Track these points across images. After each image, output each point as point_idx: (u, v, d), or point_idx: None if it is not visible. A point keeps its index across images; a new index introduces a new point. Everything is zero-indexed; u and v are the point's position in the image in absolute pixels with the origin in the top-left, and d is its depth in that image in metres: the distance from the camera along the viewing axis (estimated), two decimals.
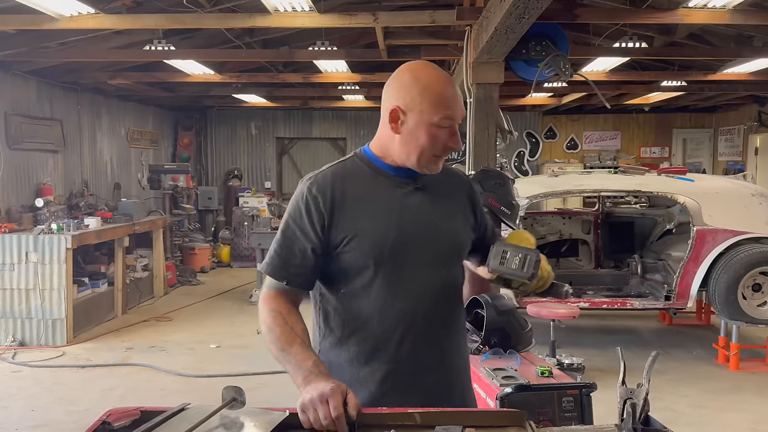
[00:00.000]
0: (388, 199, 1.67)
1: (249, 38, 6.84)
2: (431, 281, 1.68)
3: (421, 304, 1.66)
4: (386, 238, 1.63)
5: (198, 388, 5.04)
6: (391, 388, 1.64)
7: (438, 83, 1.64)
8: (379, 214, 1.65)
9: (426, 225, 1.68)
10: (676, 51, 7.08)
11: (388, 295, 1.63)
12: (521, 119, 11.97)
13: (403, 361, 1.65)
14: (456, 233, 1.75)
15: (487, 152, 4.51)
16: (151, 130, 10.95)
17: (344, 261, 1.63)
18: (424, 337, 1.67)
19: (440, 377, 1.70)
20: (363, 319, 1.64)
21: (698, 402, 4.76)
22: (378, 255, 1.62)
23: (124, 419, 1.37)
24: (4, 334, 6.21)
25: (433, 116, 1.61)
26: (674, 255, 6.05)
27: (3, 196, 6.78)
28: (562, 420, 2.43)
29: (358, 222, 1.62)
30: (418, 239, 1.66)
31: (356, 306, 1.65)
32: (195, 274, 9.69)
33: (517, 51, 4.39)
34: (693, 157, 12.50)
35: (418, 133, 1.62)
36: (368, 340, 1.65)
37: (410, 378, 1.65)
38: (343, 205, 1.62)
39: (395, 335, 1.64)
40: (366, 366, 1.65)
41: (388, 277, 1.63)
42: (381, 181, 1.68)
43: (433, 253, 1.68)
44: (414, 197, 1.69)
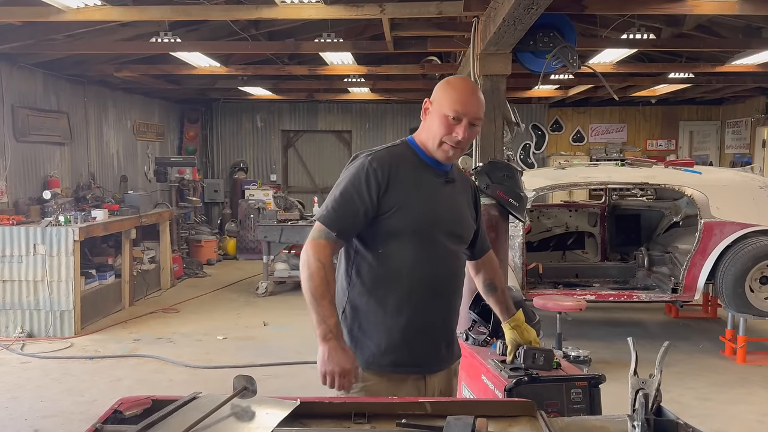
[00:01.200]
0: (429, 184, 2.07)
1: (255, 30, 6.82)
2: (451, 252, 2.11)
3: (442, 269, 2.08)
4: (426, 213, 2.02)
5: (205, 379, 5.06)
6: (410, 334, 2.03)
7: (459, 85, 2.06)
8: (422, 193, 2.03)
9: (453, 210, 2.13)
10: (684, 42, 7.02)
11: (419, 257, 2.02)
12: (527, 111, 11.92)
13: (423, 312, 2.04)
14: (468, 221, 2.22)
15: (494, 144, 4.48)
16: (157, 122, 10.96)
17: (388, 225, 1.99)
18: (441, 294, 2.09)
19: (443, 331, 2.14)
20: (395, 275, 2.02)
21: (705, 395, 4.75)
22: (417, 225, 2.00)
23: (135, 408, 1.37)
24: (12, 325, 6.25)
25: (445, 108, 2.01)
26: (681, 248, 6.03)
27: (11, 189, 6.80)
28: (571, 411, 2.43)
29: (405, 196, 1.99)
30: (447, 219, 2.09)
31: (391, 263, 2.02)
32: (201, 267, 9.72)
33: (525, 42, 4.35)
34: (700, 149, 12.43)
35: (434, 120, 2.03)
36: (397, 292, 2.02)
37: (423, 328, 2.06)
38: (396, 180, 1.99)
39: (421, 290, 2.03)
40: (394, 314, 2.02)
41: (422, 243, 2.02)
42: (424, 168, 2.08)
43: (455, 232, 2.12)
44: (447, 188, 2.12)
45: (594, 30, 6.73)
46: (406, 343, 2.03)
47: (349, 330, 2.05)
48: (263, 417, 1.31)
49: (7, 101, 6.78)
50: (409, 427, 1.30)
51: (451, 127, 2.00)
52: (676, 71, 8.43)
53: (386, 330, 2.03)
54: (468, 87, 2.06)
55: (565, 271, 6.70)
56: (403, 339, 2.03)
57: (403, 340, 2.03)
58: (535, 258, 6.47)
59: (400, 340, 2.02)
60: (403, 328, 2.02)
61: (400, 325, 2.02)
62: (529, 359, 2.34)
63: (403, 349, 2.03)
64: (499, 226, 3.40)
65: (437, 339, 2.11)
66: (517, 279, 5.66)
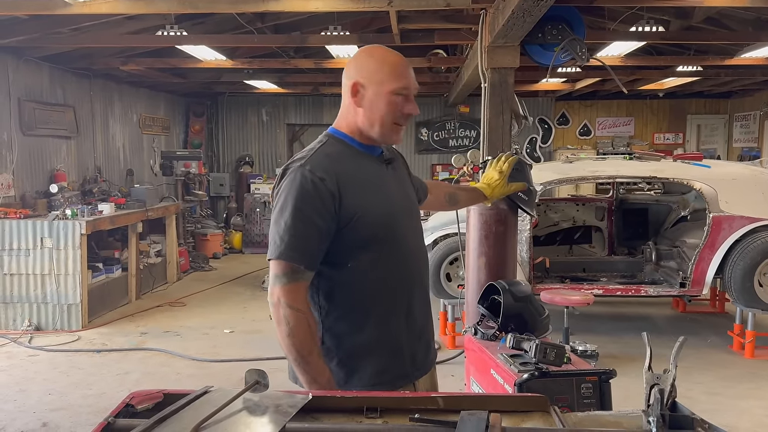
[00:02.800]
0: (375, 175, 1.82)
1: (261, 23, 6.79)
2: (416, 247, 1.89)
3: (416, 261, 1.87)
4: (386, 211, 1.78)
5: (213, 373, 5.07)
6: (406, 343, 1.82)
7: (391, 56, 1.80)
8: (375, 189, 1.79)
9: (404, 197, 1.90)
10: (692, 35, 6.96)
11: (394, 258, 1.79)
12: (534, 105, 11.87)
13: (411, 315, 1.83)
14: (414, 199, 2.00)
15: (501, 137, 4.46)
16: (162, 116, 10.96)
17: (353, 236, 1.71)
18: (420, 298, 1.88)
19: (430, 329, 1.95)
20: (375, 286, 1.76)
21: (713, 389, 4.73)
22: (382, 227, 1.76)
23: (147, 402, 1.36)
24: (20, 318, 6.27)
25: (391, 85, 1.75)
26: (689, 242, 6.00)
27: (18, 182, 6.82)
28: (581, 406, 2.42)
29: (362, 198, 1.74)
30: (403, 210, 1.86)
31: (367, 275, 1.75)
32: (207, 260, 9.74)
33: (533, 35, 4.32)
34: (707, 143, 12.36)
35: (379, 103, 1.76)
36: (381, 304, 1.78)
37: (418, 332, 1.86)
38: (347, 183, 1.72)
39: (404, 293, 1.82)
40: (383, 327, 1.78)
41: (391, 247, 1.79)
42: (363, 159, 1.82)
43: (413, 221, 1.91)
44: (388, 172, 1.88)
45: (602, 23, 6.69)
46: (406, 353, 1.82)
47: (339, 361, 1.77)
48: (275, 411, 1.30)
49: (13, 95, 6.78)
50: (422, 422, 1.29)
51: (400, 104, 1.77)
52: (685, 64, 8.37)
53: (380, 347, 1.78)
54: (400, 58, 1.81)
55: (573, 266, 6.68)
56: (400, 350, 1.81)
57: (400, 351, 1.81)
58: (542, 252, 6.46)
59: (397, 353, 1.80)
60: (396, 338, 1.80)
61: (393, 337, 1.79)
62: (540, 354, 2.32)
63: (402, 361, 1.81)
64: (508, 220, 3.38)
65: (427, 338, 1.93)
66: (524, 273, 5.65)
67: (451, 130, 12.21)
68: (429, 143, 12.22)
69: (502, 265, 3.46)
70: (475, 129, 11.91)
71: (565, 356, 2.41)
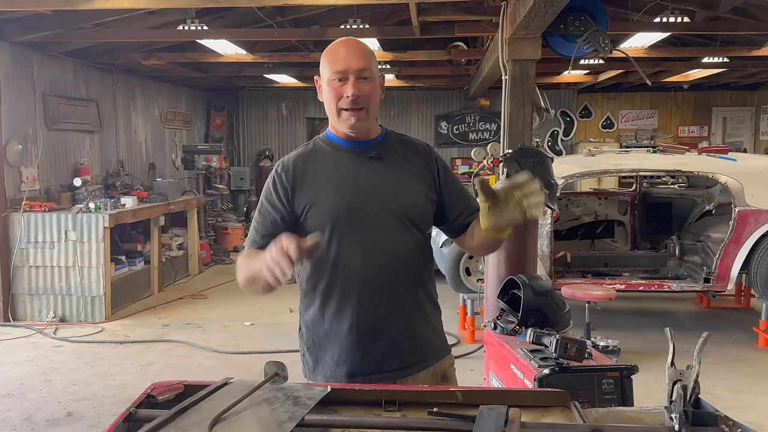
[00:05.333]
0: (344, 169, 1.85)
1: (280, 17, 6.80)
2: (388, 240, 1.82)
3: (377, 259, 1.81)
4: (341, 202, 1.80)
5: (233, 365, 5.12)
6: (357, 338, 1.81)
7: (334, 46, 1.83)
8: (335, 182, 1.83)
9: (379, 189, 1.83)
10: (719, 25, 6.82)
11: (347, 254, 1.80)
12: (555, 97, 11.75)
13: (366, 311, 1.81)
14: (410, 196, 1.86)
15: (522, 131, 4.42)
16: (184, 110, 11.05)
17: (307, 227, 1.80)
18: (384, 288, 1.82)
19: (399, 328, 1.84)
20: (328, 278, 1.82)
21: (738, 386, 4.65)
22: (335, 218, 1.79)
23: (168, 393, 1.38)
24: (45, 310, 6.39)
25: (327, 72, 1.80)
26: (714, 236, 5.90)
27: (42, 176, 6.92)
28: (602, 402, 2.40)
29: (317, 191, 1.82)
30: (372, 202, 1.82)
31: (321, 267, 1.82)
32: (228, 253, 9.82)
33: (555, 26, 4.27)
34: (733, 136, 12.13)
35: (326, 93, 1.82)
36: (334, 296, 1.82)
37: (372, 329, 1.82)
38: (303, 179, 1.84)
39: (357, 288, 1.81)
40: (336, 319, 1.83)
41: (347, 237, 1.80)
42: (339, 155, 1.87)
43: (387, 214, 1.82)
44: (368, 165, 1.85)
45: (625, 13, 6.58)
46: (358, 348, 1.81)
47: (306, 347, 1.91)
48: (294, 403, 1.31)
49: (38, 90, 6.88)
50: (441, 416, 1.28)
51: (339, 89, 1.77)
52: (711, 56, 8.21)
53: (334, 339, 1.83)
54: (345, 44, 1.82)
55: (594, 260, 6.61)
56: (354, 345, 1.81)
57: (354, 346, 1.81)
58: (563, 247, 6.39)
59: (351, 347, 1.81)
60: (347, 333, 1.81)
61: (344, 330, 1.81)
62: (561, 349, 2.30)
63: (356, 356, 1.81)
64: None
65: (393, 339, 1.83)
66: (545, 268, 5.60)
67: (471, 123, 12.13)
68: (449, 137, 12.16)
69: (522, 259, 3.44)
70: (495, 122, 11.82)
71: (586, 351, 2.39)
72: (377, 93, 1.83)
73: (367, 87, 1.78)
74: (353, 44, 1.83)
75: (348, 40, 1.85)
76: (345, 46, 1.82)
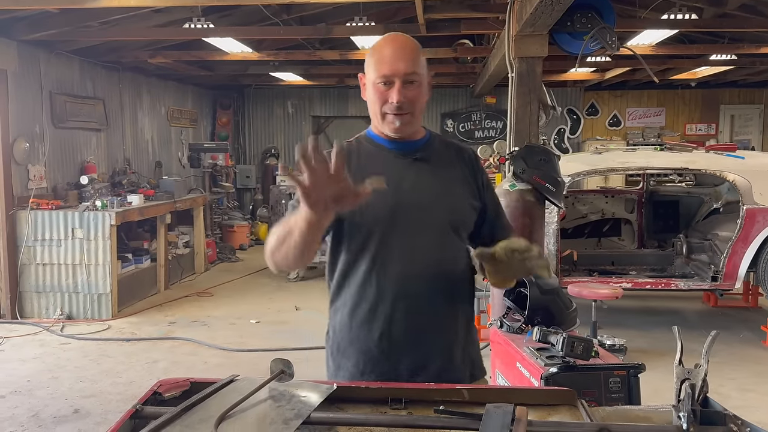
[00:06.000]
0: (388, 170, 1.70)
1: (286, 15, 6.80)
2: (429, 248, 1.72)
3: (417, 270, 1.70)
4: (385, 204, 1.68)
5: (239, 363, 5.13)
6: (387, 348, 1.71)
7: (381, 44, 1.73)
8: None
9: (424, 193, 1.74)
10: (726, 22, 6.78)
11: (385, 259, 1.70)
12: (562, 95, 11.70)
13: (399, 322, 1.70)
14: (456, 202, 1.78)
15: (529, 128, 4.40)
16: (190, 108, 11.07)
17: (345, 227, 1.71)
18: (418, 302, 1.71)
19: (434, 342, 1.73)
20: (360, 283, 1.73)
21: (746, 385, 4.63)
22: (376, 220, 1.70)
23: (174, 390, 1.38)
24: (52, 307, 6.42)
25: (373, 74, 1.71)
26: (722, 235, 5.87)
27: (49, 174, 6.95)
28: (609, 401, 2.38)
29: None
30: (416, 206, 1.72)
31: (354, 271, 1.73)
32: (234, 251, 9.84)
33: (562, 23, 4.26)
34: (741, 134, 12.05)
35: (370, 95, 1.74)
36: (365, 302, 1.72)
37: (404, 340, 1.71)
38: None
39: (389, 298, 1.70)
40: (364, 327, 1.73)
41: (386, 242, 1.70)
42: (382, 155, 1.78)
43: (431, 220, 1.73)
44: (413, 168, 1.76)
45: (633, 10, 6.55)
46: (388, 359, 1.71)
47: (330, 351, 1.83)
48: (300, 400, 1.30)
49: (45, 88, 6.90)
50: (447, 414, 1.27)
51: (385, 93, 1.69)
52: (718, 53, 8.16)
53: (361, 346, 1.73)
54: (392, 43, 1.72)
55: (601, 259, 6.59)
56: (384, 354, 1.71)
57: (384, 356, 1.71)
58: (569, 245, 6.38)
59: (380, 357, 1.71)
60: (377, 341, 1.71)
61: (374, 339, 1.71)
62: (567, 348, 2.29)
63: (384, 367, 1.71)
64: (535, 212, 3.34)
65: (426, 354, 1.73)
66: (552, 266, 5.59)
67: (477, 121, 12.11)
68: (454, 135, 12.14)
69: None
70: (501, 120, 11.79)
71: (593, 350, 2.38)
72: (424, 95, 1.74)
73: (414, 92, 1.70)
74: (401, 44, 1.72)
75: (396, 38, 1.73)
76: (392, 46, 1.71)
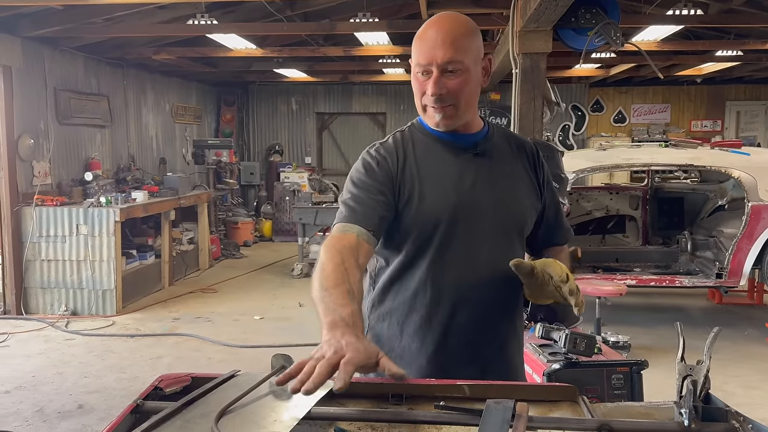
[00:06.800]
0: (446, 165, 1.60)
1: (290, 11, 6.80)
2: (489, 252, 1.58)
3: (476, 276, 1.57)
4: (446, 203, 1.56)
5: (243, 359, 5.14)
6: (445, 360, 1.58)
7: (424, 28, 1.56)
8: (437, 178, 1.58)
9: (486, 192, 1.59)
10: (732, 18, 6.75)
11: (443, 263, 1.57)
12: (567, 91, 11.67)
13: (457, 334, 1.58)
14: (517, 199, 1.64)
15: (533, 124, 4.39)
16: (194, 105, 11.08)
17: (401, 225, 1.57)
18: (477, 311, 1.58)
19: (493, 353, 1.62)
20: (413, 290, 1.59)
21: (750, 383, 4.61)
22: (435, 221, 1.56)
23: (175, 385, 1.38)
24: (57, 303, 6.44)
25: (414, 62, 1.56)
26: (726, 232, 5.85)
27: (54, 170, 6.97)
28: (612, 397, 2.38)
29: (418, 185, 1.57)
30: (478, 206, 1.58)
31: (410, 273, 1.59)
32: (238, 248, 9.85)
33: (566, 19, 4.24)
34: (747, 130, 12.00)
35: (413, 84, 1.59)
36: (417, 311, 1.59)
37: (464, 352, 1.59)
38: (405, 167, 1.58)
39: (446, 307, 1.57)
40: (416, 339, 1.59)
41: (444, 244, 1.56)
42: (439, 147, 1.62)
43: (493, 221, 1.59)
44: (473, 163, 1.61)
45: (638, 6, 6.52)
46: (446, 373, 1.52)
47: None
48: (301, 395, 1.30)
49: (49, 84, 6.92)
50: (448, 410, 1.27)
51: (423, 84, 1.54)
52: (724, 49, 8.12)
53: (413, 360, 1.59)
54: (433, 27, 1.54)
55: (605, 255, 6.57)
56: (441, 368, 1.57)
57: (441, 370, 1.56)
58: (573, 242, 6.34)
59: (436, 371, 1.56)
60: (433, 355, 1.58)
61: (429, 352, 1.58)
62: (570, 344, 2.28)
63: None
64: None
65: (485, 365, 1.60)
66: None
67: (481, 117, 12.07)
68: None
69: None
70: (506, 116, 11.76)
71: (596, 346, 2.37)
72: (471, 85, 1.56)
73: (455, 82, 1.52)
74: (445, 27, 1.52)
75: (439, 20, 1.55)
76: (433, 29, 1.53)
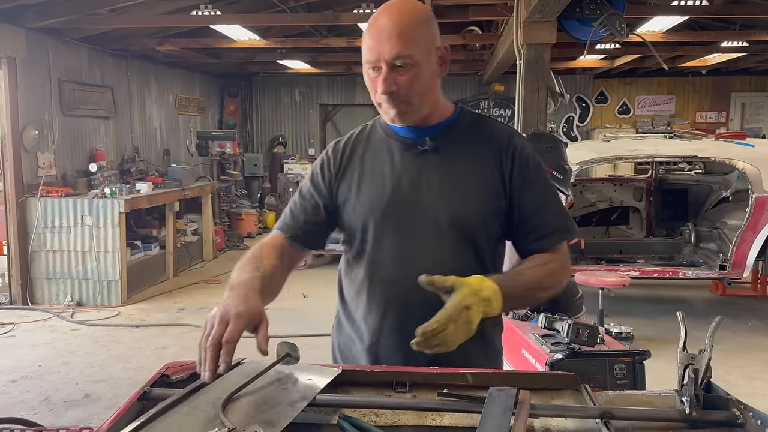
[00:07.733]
0: (391, 162, 1.55)
1: (293, 2, 6.80)
2: (430, 254, 1.50)
3: (410, 278, 1.37)
4: (378, 201, 1.53)
5: (248, 347, 5.16)
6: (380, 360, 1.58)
7: (372, 20, 1.48)
8: (377, 176, 1.55)
9: (425, 190, 1.51)
10: (738, 9, 6.70)
11: (378, 262, 1.54)
12: (571, 83, 11.62)
13: (386, 335, 1.56)
14: (467, 199, 1.51)
15: (537, 116, 4.39)
16: (198, 96, 11.08)
17: (344, 224, 1.60)
18: (408, 315, 1.47)
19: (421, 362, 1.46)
20: (360, 282, 1.59)
21: (753, 374, 4.63)
22: (365, 219, 1.54)
23: (181, 372, 1.40)
24: (62, 294, 6.48)
25: (363, 61, 1.49)
26: (730, 223, 5.84)
27: (59, 162, 6.99)
28: (614, 387, 2.39)
29: (356, 184, 1.56)
30: (413, 205, 1.51)
31: (357, 267, 1.60)
32: (242, 239, 9.88)
33: (571, 9, 4.22)
34: (752, 122, 11.94)
35: (366, 81, 1.51)
36: (359, 308, 1.60)
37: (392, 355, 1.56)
38: (348, 166, 1.59)
39: (379, 306, 1.55)
40: (362, 329, 1.62)
41: (376, 244, 1.54)
42: (391, 143, 1.58)
43: (431, 222, 1.51)
44: (419, 160, 1.53)
45: None
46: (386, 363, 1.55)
47: (337, 344, 1.73)
48: (306, 383, 1.32)
49: (54, 76, 6.92)
50: (451, 397, 1.29)
51: (374, 81, 1.46)
52: (730, 40, 8.08)
53: (360, 347, 1.62)
54: (381, 18, 1.45)
55: (609, 247, 6.57)
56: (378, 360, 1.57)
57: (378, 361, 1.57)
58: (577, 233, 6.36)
59: (374, 362, 1.58)
60: (366, 353, 1.60)
61: (362, 350, 1.61)
62: (573, 334, 2.29)
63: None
64: None
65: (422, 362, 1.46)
66: None
67: (485, 109, 12.05)
68: None
69: None
70: (510, 108, 11.73)
71: (598, 337, 2.38)
72: (423, 78, 1.46)
73: (405, 77, 1.43)
74: (393, 18, 1.44)
75: (387, 10, 1.47)
76: (380, 22, 1.44)
